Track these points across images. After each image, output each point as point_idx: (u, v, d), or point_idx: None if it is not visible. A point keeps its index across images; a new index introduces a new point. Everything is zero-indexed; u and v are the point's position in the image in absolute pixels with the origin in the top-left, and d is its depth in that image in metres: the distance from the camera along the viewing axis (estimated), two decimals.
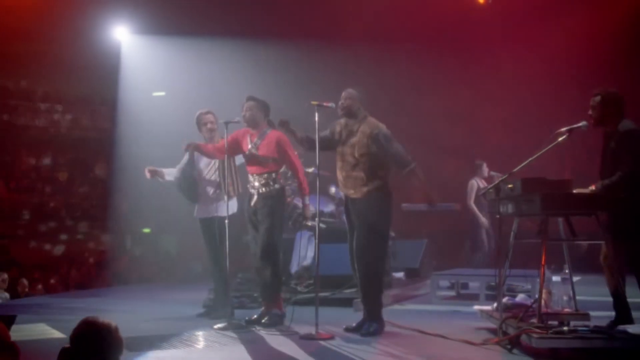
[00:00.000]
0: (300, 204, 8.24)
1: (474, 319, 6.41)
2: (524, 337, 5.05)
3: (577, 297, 5.69)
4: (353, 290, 7.26)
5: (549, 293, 5.81)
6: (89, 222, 16.65)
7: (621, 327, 5.18)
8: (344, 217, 6.33)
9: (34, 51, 16.54)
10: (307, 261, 8.15)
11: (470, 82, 18.13)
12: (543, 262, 5.25)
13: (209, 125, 6.94)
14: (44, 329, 6.35)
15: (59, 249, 16.02)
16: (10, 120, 18.49)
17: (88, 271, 14.59)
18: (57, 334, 6.08)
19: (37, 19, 15.26)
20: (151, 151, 12.97)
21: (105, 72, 16.41)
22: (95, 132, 19.32)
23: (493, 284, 7.83)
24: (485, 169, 10.60)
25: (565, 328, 4.99)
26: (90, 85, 19.06)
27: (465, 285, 8.67)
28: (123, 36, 15.55)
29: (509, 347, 5.19)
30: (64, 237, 16.44)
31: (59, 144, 19.21)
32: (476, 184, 10.57)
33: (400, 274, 9.12)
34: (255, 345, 5.61)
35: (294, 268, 8.24)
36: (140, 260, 15.17)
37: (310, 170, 8.13)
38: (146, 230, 16.12)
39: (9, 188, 18.12)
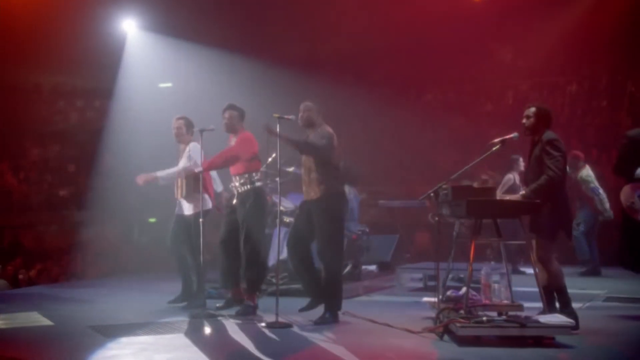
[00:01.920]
0: (277, 200, 9.13)
1: (426, 309, 7.24)
2: (451, 326, 5.90)
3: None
4: None
5: (489, 286, 6.64)
6: (96, 212, 17.29)
7: (536, 316, 5.99)
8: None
9: (42, 44, 17.37)
10: (283, 255, 9.01)
11: (470, 76, 18.88)
12: (471, 260, 6.10)
13: (174, 131, 7.84)
14: (36, 317, 7.25)
15: (65, 239, 16.86)
16: (19, 113, 19.35)
17: (92, 261, 15.46)
18: (46, 322, 7.02)
19: (45, 12, 16.17)
20: (156, 141, 13.84)
21: (113, 65, 17.29)
22: (102, 123, 20.16)
23: (462, 276, 8.73)
24: (521, 163, 10.62)
25: (484, 318, 5.82)
26: (97, 77, 19.93)
27: (434, 278, 9.47)
28: (130, 28, 16.41)
29: (440, 334, 6.03)
30: (70, 227, 17.24)
31: (67, 135, 20.10)
32: (513, 178, 10.69)
33: (373, 267, 9.97)
34: (218, 332, 6.52)
35: (271, 261, 9.09)
36: (146, 249, 16.04)
37: (291, 169, 9.01)
38: (152, 220, 16.86)
39: (18, 179, 19.04)
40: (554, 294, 6.38)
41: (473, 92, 18.87)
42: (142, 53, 16.69)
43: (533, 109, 6.52)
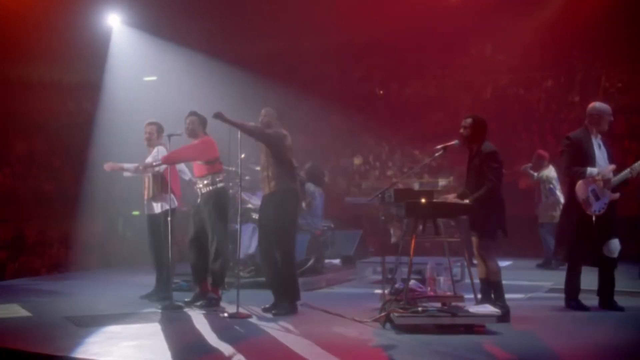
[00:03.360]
0: (247, 199, 9.91)
1: (378, 300, 7.99)
2: (392, 316, 6.68)
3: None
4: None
5: (434, 279, 7.42)
6: (80, 206, 17.84)
7: (467, 306, 6.76)
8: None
9: (28, 37, 17.95)
10: (252, 250, 9.80)
11: (450, 71, 19.59)
12: (411, 255, 6.87)
13: (146, 135, 8.56)
14: (15, 309, 8.00)
15: (51, 233, 17.46)
16: (4, 107, 19.89)
17: (76, 254, 16.06)
18: (25, 313, 7.77)
19: (31, 5, 16.78)
20: (141, 135, 14.45)
21: (98, 58, 17.93)
22: (87, 117, 20.76)
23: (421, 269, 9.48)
24: None
25: (420, 308, 6.60)
26: (83, 70, 20.52)
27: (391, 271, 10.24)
28: (115, 22, 17.10)
29: (383, 323, 6.80)
30: (56, 221, 17.80)
31: (53, 129, 20.67)
32: None
33: (337, 261, 10.77)
34: (182, 322, 7.28)
35: (239, 255, 9.85)
36: (130, 242, 16.70)
37: (258, 168, 9.74)
38: (136, 212, 17.48)
39: (3, 174, 19.63)
40: (490, 286, 7.16)
41: (453, 86, 19.58)
42: (127, 47, 17.39)
43: (470, 120, 7.27)
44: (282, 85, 19.31)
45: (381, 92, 20.23)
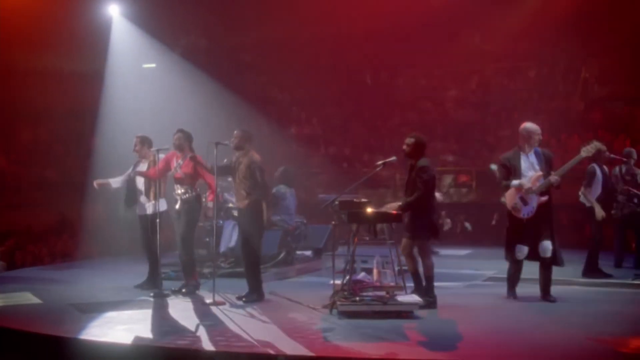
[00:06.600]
0: (230, 198, 11.89)
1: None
2: (337, 304, 8.62)
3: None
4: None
5: (380, 272, 9.38)
6: (83, 193, 19.50)
7: (397, 294, 8.68)
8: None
9: (32, 27, 19.69)
10: (232, 243, 11.77)
11: (439, 61, 21.26)
12: (353, 252, 8.81)
13: (137, 147, 10.49)
14: (28, 297, 9.97)
15: (55, 221, 19.29)
16: (9, 95, 21.66)
17: (80, 243, 17.81)
18: (36, 300, 9.75)
19: None
20: (142, 122, 15.98)
21: (100, 47, 19.69)
22: (90, 104, 22.54)
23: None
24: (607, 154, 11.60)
25: (357, 298, 8.53)
26: (86, 59, 22.27)
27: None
28: (115, 12, 18.91)
29: (330, 310, 8.75)
30: (59, 207, 19.55)
31: (57, 117, 22.46)
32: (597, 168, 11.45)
33: (308, 252, 12.76)
34: (168, 308, 9.24)
35: (221, 249, 11.84)
36: (131, 230, 18.46)
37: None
38: None
39: (9, 160, 21.52)
40: (423, 279, 9.08)
41: (440, 76, 21.27)
42: (127, 35, 19.20)
43: (412, 140, 9.16)
44: (275, 73, 21.13)
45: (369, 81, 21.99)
